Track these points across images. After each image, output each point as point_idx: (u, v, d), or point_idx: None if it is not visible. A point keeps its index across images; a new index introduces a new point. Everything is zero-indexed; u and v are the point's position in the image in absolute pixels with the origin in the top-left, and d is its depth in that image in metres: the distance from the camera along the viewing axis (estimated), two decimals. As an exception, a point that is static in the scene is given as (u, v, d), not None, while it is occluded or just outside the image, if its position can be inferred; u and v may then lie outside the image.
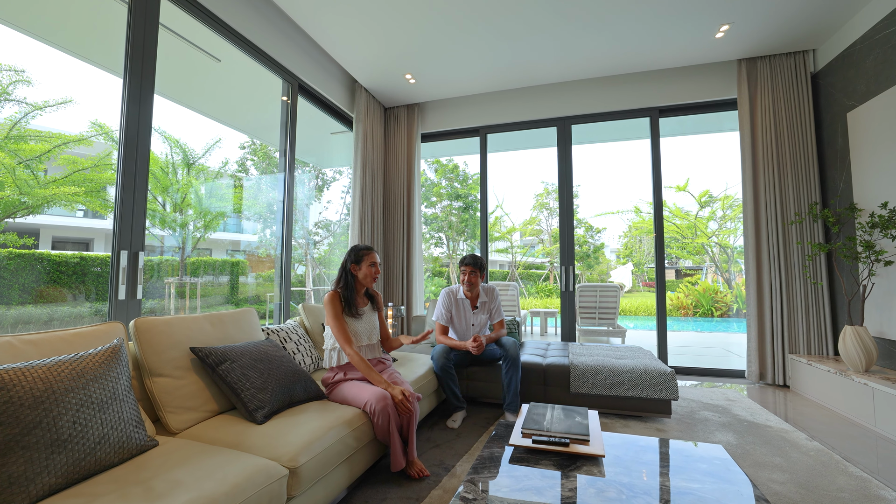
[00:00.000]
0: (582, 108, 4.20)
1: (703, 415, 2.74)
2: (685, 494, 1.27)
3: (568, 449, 1.50)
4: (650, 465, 1.46)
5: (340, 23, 3.25)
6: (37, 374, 1.05)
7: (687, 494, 1.27)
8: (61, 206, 3.52)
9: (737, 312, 9.75)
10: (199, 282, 4.97)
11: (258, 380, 1.66)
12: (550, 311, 6.78)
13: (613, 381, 2.66)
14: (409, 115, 4.67)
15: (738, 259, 10.51)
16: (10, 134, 3.04)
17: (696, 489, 1.30)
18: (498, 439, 1.66)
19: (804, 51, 3.55)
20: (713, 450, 1.62)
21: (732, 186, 10.36)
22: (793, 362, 3.40)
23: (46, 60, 2.79)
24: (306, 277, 7.88)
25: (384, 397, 1.82)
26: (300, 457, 1.38)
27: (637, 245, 13.22)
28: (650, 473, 1.41)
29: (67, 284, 3.33)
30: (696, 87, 3.89)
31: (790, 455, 2.10)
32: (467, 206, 10.41)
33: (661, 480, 1.36)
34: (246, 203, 6.51)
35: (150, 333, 1.56)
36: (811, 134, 3.49)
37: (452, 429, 2.50)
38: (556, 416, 1.75)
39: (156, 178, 4.89)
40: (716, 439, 2.31)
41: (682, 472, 1.42)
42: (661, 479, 1.36)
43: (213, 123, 4.93)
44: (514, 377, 2.61)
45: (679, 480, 1.37)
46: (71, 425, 1.06)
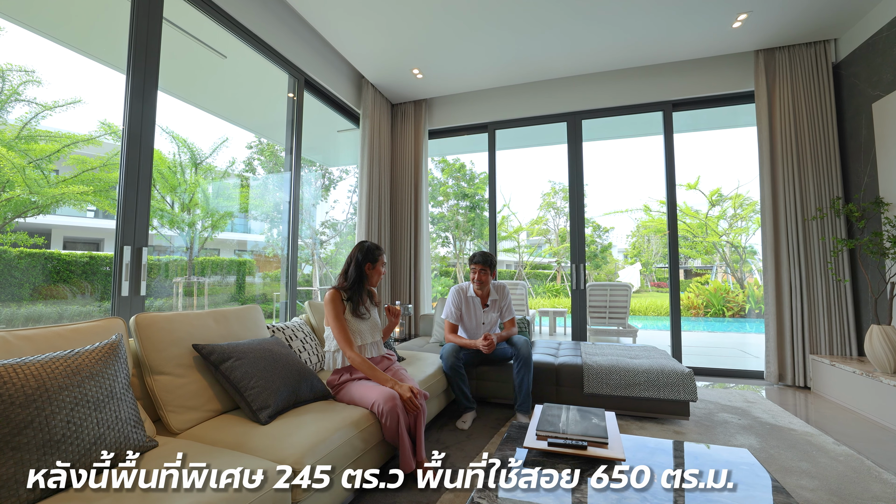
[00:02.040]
0: (593, 102, 4.10)
1: (722, 417, 2.64)
2: (713, 503, 1.19)
3: (585, 452, 1.42)
4: (672, 470, 1.38)
5: (347, 16, 3.20)
6: (29, 371, 1.00)
7: (715, 503, 1.19)
8: (71, 205, 3.52)
9: (749, 312, 9.55)
10: (207, 281, 4.96)
11: (262, 378, 1.60)
12: (559, 311, 6.67)
13: (629, 381, 2.57)
14: (416, 111, 4.61)
15: (748, 259, 10.31)
16: (20, 134, 3.04)
17: (724, 497, 1.21)
18: (511, 441, 1.59)
19: (825, 40, 3.42)
20: (739, 454, 1.53)
21: (745, 184, 10.17)
22: (814, 363, 3.28)
23: (55, 59, 2.78)
24: (313, 277, 7.86)
25: (392, 397, 1.75)
26: (305, 459, 1.32)
27: (645, 245, 13.04)
28: (673, 479, 1.33)
29: (77, 283, 3.33)
30: (711, 79, 3.78)
31: (818, 460, 2.00)
32: (474, 205, 10.33)
33: (686, 486, 1.28)
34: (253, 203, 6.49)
35: (151, 330, 1.51)
36: (833, 126, 3.37)
37: (462, 430, 2.43)
38: (572, 418, 1.67)
39: (164, 177, 4.88)
40: (737, 442, 2.22)
41: (707, 478, 1.34)
42: (686, 485, 1.28)
43: (220, 122, 4.91)
44: (525, 377, 2.53)
45: (705, 486, 1.28)
46: (65, 425, 1.01)
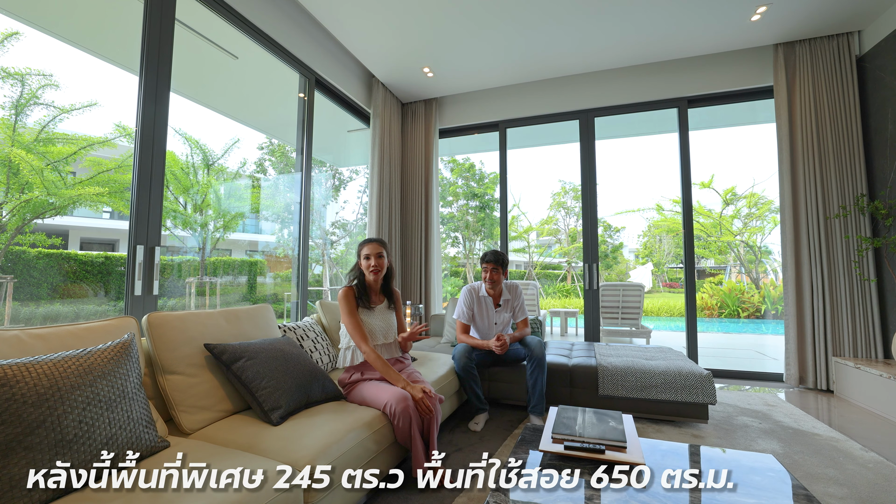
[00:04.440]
0: (606, 99, 4.03)
1: (742, 420, 2.57)
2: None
3: (603, 456, 1.38)
4: (695, 476, 1.33)
5: (357, 15, 3.19)
6: (41, 370, 0.99)
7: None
8: (87, 206, 3.58)
9: (765, 313, 9.34)
10: (219, 281, 5.00)
11: (274, 379, 1.59)
12: (571, 311, 6.59)
13: (645, 383, 2.51)
14: (426, 109, 4.59)
15: (763, 259, 10.08)
16: (39, 137, 3.09)
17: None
18: (525, 444, 1.55)
19: (848, 32, 3.31)
20: (764, 460, 1.47)
21: (760, 182, 9.94)
22: (837, 366, 3.17)
23: (72, 62, 2.81)
24: (323, 277, 7.88)
25: (404, 398, 1.72)
26: (318, 461, 1.30)
27: (657, 245, 12.84)
28: (697, 485, 1.28)
29: (93, 283, 3.39)
30: (728, 74, 3.69)
31: (846, 467, 1.92)
32: (484, 205, 10.27)
33: (711, 494, 1.22)
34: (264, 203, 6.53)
35: (163, 329, 1.51)
36: (856, 121, 3.26)
37: (475, 432, 2.39)
38: (589, 421, 1.62)
39: (177, 179, 4.93)
40: (759, 447, 2.15)
41: (731, 484, 1.29)
42: (710, 493, 1.23)
43: (232, 122, 4.94)
44: (539, 378, 2.48)
45: (730, 494, 1.23)
46: (77, 425, 1.00)
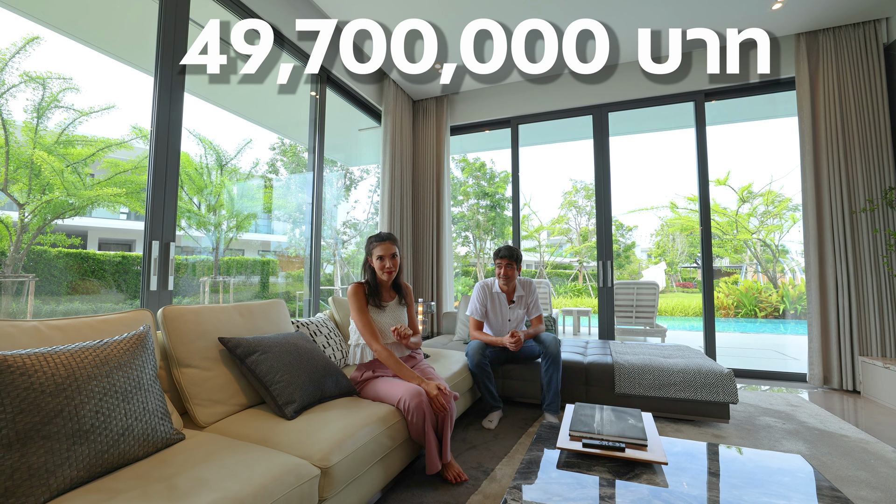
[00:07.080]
0: (620, 94, 3.96)
1: (765, 420, 2.49)
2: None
3: (624, 455, 1.34)
4: (720, 476, 1.28)
5: (369, 11, 3.18)
6: (59, 360, 0.99)
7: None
8: (105, 207, 3.64)
9: (784, 313, 9.11)
10: (232, 281, 5.06)
11: (288, 373, 1.58)
12: (583, 310, 6.51)
13: (663, 381, 2.45)
14: (437, 107, 4.57)
15: (780, 258, 9.83)
16: (59, 139, 3.16)
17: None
18: (542, 441, 1.51)
19: (875, 20, 3.20)
20: (792, 460, 1.41)
21: (778, 179, 9.70)
22: (864, 365, 3.06)
23: (90, 64, 2.87)
24: (335, 276, 7.92)
25: (418, 394, 1.70)
26: (332, 456, 1.28)
27: (670, 244, 12.61)
28: (722, 486, 1.23)
29: (110, 282, 3.46)
30: (747, 66, 3.58)
31: (878, 470, 1.84)
32: (494, 204, 10.21)
33: (738, 494, 1.17)
34: (276, 203, 6.59)
35: (179, 322, 1.51)
36: (885, 112, 3.14)
37: (489, 429, 2.36)
38: (607, 418, 1.58)
39: (191, 179, 5.00)
40: (784, 448, 2.07)
41: (759, 486, 1.23)
42: (737, 493, 1.18)
43: (244, 122, 4.99)
44: (554, 376, 2.44)
45: (758, 496, 1.18)
46: (94, 415, 1.00)
